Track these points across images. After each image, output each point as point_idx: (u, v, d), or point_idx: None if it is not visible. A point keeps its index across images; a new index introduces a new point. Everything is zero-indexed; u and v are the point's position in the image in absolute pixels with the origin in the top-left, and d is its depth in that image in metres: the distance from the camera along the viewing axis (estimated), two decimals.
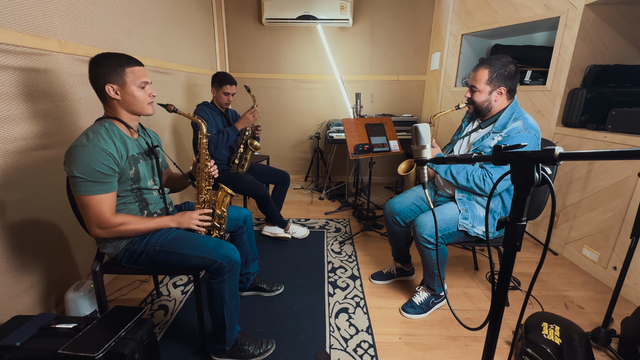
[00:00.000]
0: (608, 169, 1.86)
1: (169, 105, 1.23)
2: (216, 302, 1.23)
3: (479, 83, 1.43)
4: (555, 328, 1.29)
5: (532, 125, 1.39)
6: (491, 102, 1.45)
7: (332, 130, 3.26)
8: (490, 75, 1.40)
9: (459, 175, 1.49)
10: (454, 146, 1.66)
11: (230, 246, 1.24)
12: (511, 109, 1.44)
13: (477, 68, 1.44)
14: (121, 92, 1.12)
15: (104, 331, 1.03)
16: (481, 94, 1.44)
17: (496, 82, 1.40)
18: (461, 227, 1.47)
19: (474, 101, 1.47)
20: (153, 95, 1.20)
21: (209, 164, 1.35)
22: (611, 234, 1.83)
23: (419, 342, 1.44)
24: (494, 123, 1.47)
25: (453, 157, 0.74)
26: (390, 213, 1.70)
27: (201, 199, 1.35)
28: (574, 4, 2.01)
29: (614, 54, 2.10)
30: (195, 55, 2.90)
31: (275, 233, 2.38)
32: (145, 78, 1.16)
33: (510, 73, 1.39)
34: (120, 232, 1.14)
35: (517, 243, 0.63)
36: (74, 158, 1.03)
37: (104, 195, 1.08)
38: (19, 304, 1.33)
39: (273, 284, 1.76)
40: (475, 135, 1.55)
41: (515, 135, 1.38)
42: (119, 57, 1.11)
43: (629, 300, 1.73)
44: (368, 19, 3.43)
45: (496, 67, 1.39)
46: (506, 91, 1.42)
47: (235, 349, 1.29)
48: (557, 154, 0.52)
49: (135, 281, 1.84)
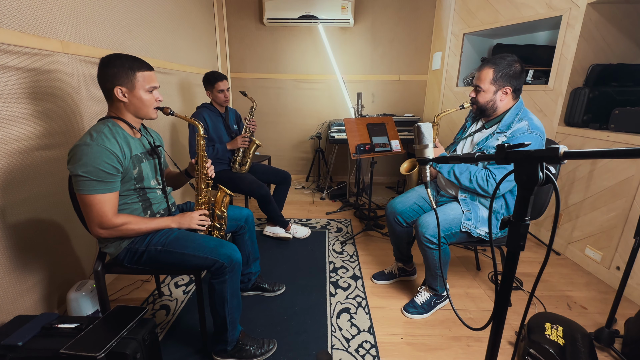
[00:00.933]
0: (611, 168, 1.85)
1: (165, 108, 1.23)
2: (217, 302, 1.23)
3: (483, 83, 1.41)
4: (558, 328, 1.29)
5: (537, 126, 1.38)
6: (496, 102, 1.43)
7: (334, 130, 3.26)
8: (495, 75, 1.38)
9: (462, 175, 1.48)
10: (457, 146, 1.64)
11: (232, 246, 1.24)
12: (516, 109, 1.43)
13: (482, 67, 1.42)
14: (129, 95, 1.12)
15: (106, 331, 1.03)
16: (486, 93, 1.42)
17: (501, 81, 1.38)
18: (464, 227, 1.46)
19: (478, 101, 1.45)
20: (159, 100, 1.20)
21: (206, 165, 1.34)
22: (614, 234, 1.82)
23: (421, 343, 1.44)
24: (498, 123, 1.46)
25: (456, 157, 0.74)
26: (392, 213, 1.70)
27: (201, 201, 1.35)
28: (577, 2, 2.00)
29: (616, 53, 2.09)
30: (196, 55, 2.90)
31: (277, 233, 2.37)
32: (154, 83, 1.16)
33: (515, 72, 1.37)
34: (122, 232, 1.14)
35: (520, 243, 0.62)
36: (77, 157, 1.03)
37: (107, 195, 1.08)
38: (22, 303, 1.33)
39: (274, 284, 1.75)
40: (479, 135, 1.54)
41: (520, 135, 1.37)
42: (131, 60, 1.11)
43: (633, 300, 1.72)
44: (369, 18, 3.43)
45: (501, 67, 1.37)
46: (511, 91, 1.40)
47: (237, 348, 1.29)
48: (562, 153, 0.51)
49: (137, 281, 1.84)
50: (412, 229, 1.73)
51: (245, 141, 2.20)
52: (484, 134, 1.52)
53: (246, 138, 2.20)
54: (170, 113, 1.24)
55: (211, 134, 2.19)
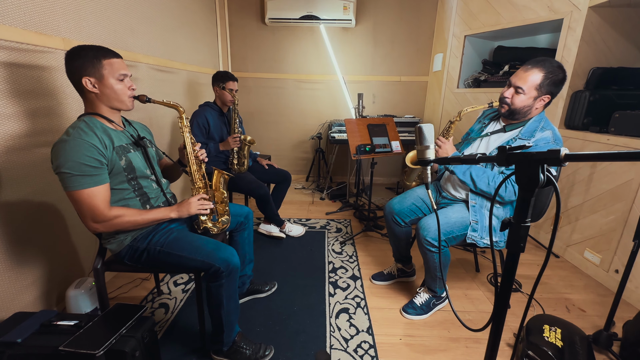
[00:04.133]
0: (611, 171, 1.85)
1: (141, 96, 1.19)
2: (214, 304, 1.23)
3: (527, 85, 1.28)
4: (557, 330, 1.29)
5: (559, 138, 1.33)
6: (532, 109, 1.33)
7: (334, 130, 3.26)
8: (543, 81, 1.26)
9: (479, 178, 1.39)
10: (471, 145, 1.58)
11: (229, 250, 1.22)
12: (540, 116, 1.36)
13: (529, 68, 1.29)
14: (99, 85, 1.09)
15: (105, 329, 1.03)
16: (526, 97, 1.30)
17: (545, 88, 1.28)
18: (470, 239, 1.43)
19: (514, 103, 1.33)
20: (133, 89, 1.16)
21: (195, 148, 1.30)
22: (613, 237, 1.83)
23: (420, 343, 1.44)
24: (520, 128, 1.39)
25: (457, 158, 0.74)
26: (390, 213, 1.70)
27: (197, 185, 1.32)
28: (578, 6, 2.00)
29: (617, 57, 2.10)
30: (197, 54, 2.90)
31: (270, 231, 2.39)
32: (123, 70, 1.13)
33: (559, 80, 1.27)
34: (118, 225, 1.11)
35: (520, 244, 0.62)
36: (57, 155, 1.01)
37: (95, 188, 1.05)
38: (20, 300, 1.33)
39: (266, 283, 1.75)
40: (496, 137, 1.47)
41: (543, 145, 1.30)
42: (95, 49, 1.08)
43: (631, 303, 1.72)
44: (371, 19, 3.43)
45: (550, 72, 1.25)
46: (549, 99, 1.31)
47: (233, 350, 1.29)
48: (563, 155, 0.51)
49: (136, 279, 1.84)
50: (411, 229, 1.73)
51: (237, 140, 2.16)
52: (501, 137, 1.45)
53: (237, 137, 2.15)
54: (147, 100, 1.19)
55: (212, 132, 2.19)
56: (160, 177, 1.34)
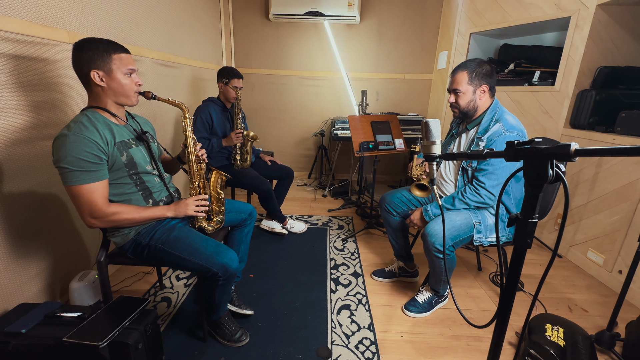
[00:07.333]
0: (615, 171, 1.84)
1: (147, 93, 1.18)
2: (207, 295, 1.30)
3: (460, 85, 1.44)
4: (559, 330, 1.29)
5: (512, 125, 1.39)
6: (476, 101, 1.46)
7: (337, 127, 3.25)
8: (470, 76, 1.42)
9: (455, 204, 1.48)
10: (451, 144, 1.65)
11: (229, 254, 1.21)
12: (492, 110, 1.45)
13: (454, 73, 1.47)
14: (107, 79, 1.09)
15: (109, 321, 1.04)
16: (465, 95, 1.45)
17: (477, 81, 1.42)
18: (477, 241, 1.46)
19: (460, 104, 1.48)
20: (139, 84, 1.16)
21: (196, 147, 1.30)
22: (617, 238, 1.82)
23: (421, 341, 1.44)
24: (478, 125, 1.49)
25: (464, 154, 0.73)
26: (383, 201, 1.81)
27: (195, 184, 1.32)
28: (586, 4, 1.98)
29: (625, 56, 2.08)
30: (201, 49, 2.90)
31: (272, 228, 2.39)
32: (132, 65, 1.13)
33: (487, 71, 1.42)
34: (115, 222, 1.12)
35: (527, 240, 0.62)
36: (57, 149, 1.01)
37: (94, 184, 1.05)
38: (25, 291, 1.34)
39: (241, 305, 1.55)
40: (464, 137, 1.57)
41: (497, 139, 1.38)
42: (105, 43, 1.08)
43: (634, 304, 1.71)
44: (375, 16, 3.41)
45: (472, 68, 1.42)
46: (488, 89, 1.44)
47: (217, 324, 1.39)
48: (573, 150, 0.51)
49: (139, 273, 1.85)
50: (404, 220, 1.76)
51: (239, 136, 2.14)
52: (468, 137, 1.54)
53: (239, 133, 2.13)
54: (153, 97, 1.19)
55: (215, 128, 2.18)
56: (163, 171, 1.34)
